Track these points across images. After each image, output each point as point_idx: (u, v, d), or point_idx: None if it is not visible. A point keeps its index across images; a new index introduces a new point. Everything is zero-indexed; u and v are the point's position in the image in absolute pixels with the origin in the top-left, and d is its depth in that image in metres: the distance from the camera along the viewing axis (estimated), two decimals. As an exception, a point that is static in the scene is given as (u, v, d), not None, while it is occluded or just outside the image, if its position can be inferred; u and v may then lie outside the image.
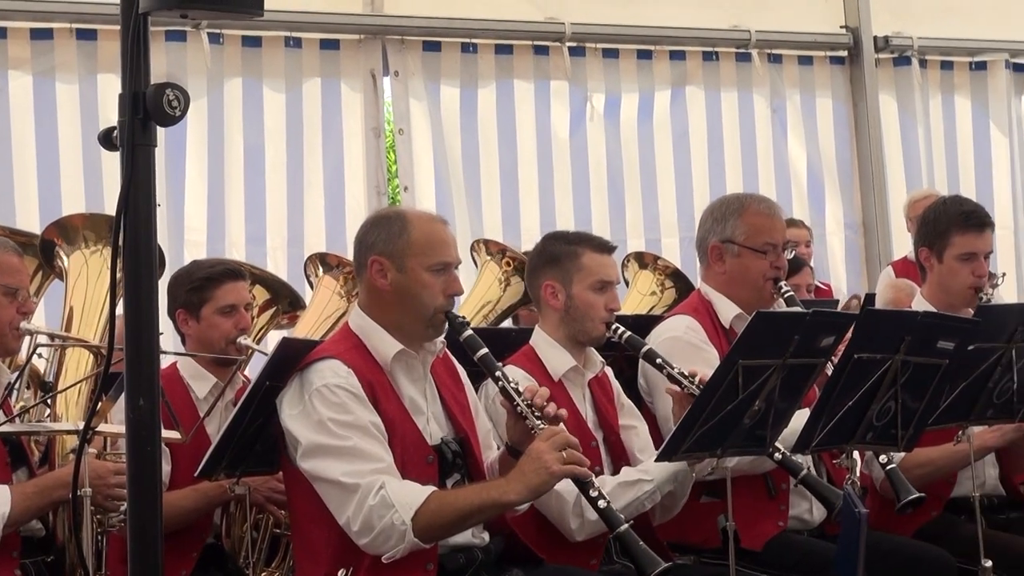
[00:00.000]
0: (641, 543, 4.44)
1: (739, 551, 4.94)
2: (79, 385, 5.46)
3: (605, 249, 5.42)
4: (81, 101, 9.29)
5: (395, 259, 4.70)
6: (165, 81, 3.43)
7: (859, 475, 5.13)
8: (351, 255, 4.97)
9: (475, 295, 6.65)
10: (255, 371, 4.98)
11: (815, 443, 4.76)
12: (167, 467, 5.37)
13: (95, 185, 9.20)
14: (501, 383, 4.64)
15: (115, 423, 5.01)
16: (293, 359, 4.67)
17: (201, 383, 5.71)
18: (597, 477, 4.62)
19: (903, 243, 10.52)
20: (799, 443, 4.78)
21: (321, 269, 6.73)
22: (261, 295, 6.29)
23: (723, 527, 4.85)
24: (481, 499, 4.50)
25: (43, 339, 5.39)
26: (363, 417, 4.52)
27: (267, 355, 4.98)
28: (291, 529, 4.96)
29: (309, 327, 6.32)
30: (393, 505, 4.40)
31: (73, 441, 5.24)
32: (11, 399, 5.42)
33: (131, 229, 3.43)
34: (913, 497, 5.21)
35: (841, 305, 8.79)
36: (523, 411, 4.58)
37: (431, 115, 10.24)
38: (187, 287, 5.76)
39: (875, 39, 11.48)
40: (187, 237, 9.51)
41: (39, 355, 5.53)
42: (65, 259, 5.81)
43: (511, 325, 7.10)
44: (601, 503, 4.49)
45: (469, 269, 4.94)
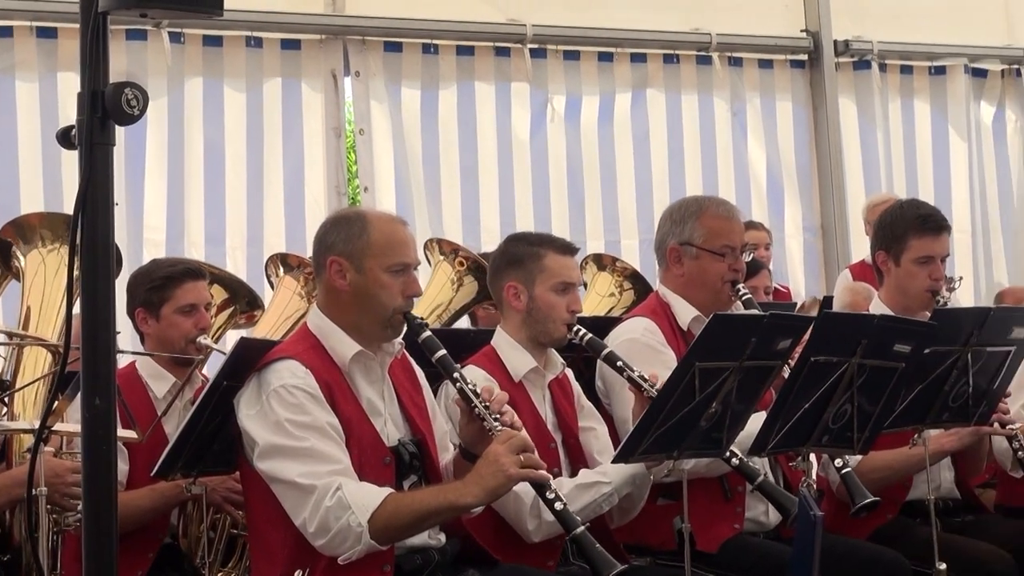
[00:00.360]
0: (597, 545, 4.43)
1: (695, 553, 4.93)
2: (36, 384, 5.43)
3: (568, 251, 5.42)
4: (41, 100, 9.26)
5: (354, 260, 4.68)
6: (124, 80, 3.42)
7: (815, 478, 5.14)
8: (311, 255, 4.97)
9: (428, 296, 6.61)
10: (213, 371, 4.97)
11: (771, 446, 4.78)
12: (124, 466, 5.36)
13: (54, 184, 9.17)
14: (459, 384, 4.62)
15: (72, 422, 4.99)
16: (251, 359, 4.65)
17: (160, 383, 5.69)
18: (555, 479, 4.62)
19: (861, 246, 10.56)
20: (755, 446, 4.78)
21: (282, 269, 6.72)
22: (219, 295, 6.27)
23: (679, 529, 4.86)
24: (438, 501, 4.49)
25: (0, 337, 5.36)
26: (320, 418, 4.50)
27: (225, 354, 4.97)
28: (248, 529, 4.95)
29: (269, 327, 6.31)
30: (350, 507, 4.39)
31: (30, 440, 5.22)
32: (-32, 398, 5.41)
33: (89, 228, 3.41)
34: (868, 501, 5.24)
35: (798, 308, 8.81)
36: (480, 413, 4.56)
37: (392, 115, 10.25)
38: (147, 286, 5.74)
39: (835, 43, 11.54)
40: (146, 236, 9.48)
41: (-4, 354, 5.52)
42: (22, 258, 5.78)
43: (468, 325, 7.09)
44: (558, 505, 4.47)
45: (422, 268, 4.93)
